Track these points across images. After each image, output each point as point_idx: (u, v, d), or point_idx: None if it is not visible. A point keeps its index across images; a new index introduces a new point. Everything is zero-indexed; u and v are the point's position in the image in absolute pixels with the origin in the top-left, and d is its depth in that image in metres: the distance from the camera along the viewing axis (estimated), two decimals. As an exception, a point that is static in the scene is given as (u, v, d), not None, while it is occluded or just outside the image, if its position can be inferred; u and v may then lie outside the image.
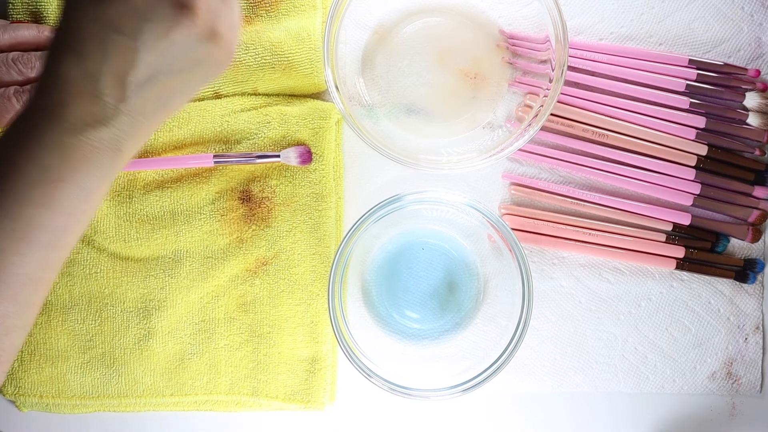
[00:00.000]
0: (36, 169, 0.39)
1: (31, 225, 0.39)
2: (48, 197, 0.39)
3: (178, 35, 0.40)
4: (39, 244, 0.39)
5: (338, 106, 0.55)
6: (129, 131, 0.40)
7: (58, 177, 0.39)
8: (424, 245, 0.60)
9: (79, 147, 0.39)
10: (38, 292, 0.41)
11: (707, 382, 0.61)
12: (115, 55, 0.39)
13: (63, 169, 0.39)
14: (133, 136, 0.41)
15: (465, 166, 0.56)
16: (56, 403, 0.59)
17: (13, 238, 0.38)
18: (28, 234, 0.39)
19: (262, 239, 0.59)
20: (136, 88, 0.40)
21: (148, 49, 0.39)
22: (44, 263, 0.40)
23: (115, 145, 0.40)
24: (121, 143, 0.40)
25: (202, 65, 0.42)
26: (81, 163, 0.39)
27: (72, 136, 0.39)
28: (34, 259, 0.39)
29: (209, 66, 0.42)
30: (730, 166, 0.60)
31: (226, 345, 0.59)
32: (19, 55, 0.55)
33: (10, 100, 0.55)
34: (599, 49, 0.61)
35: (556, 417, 0.61)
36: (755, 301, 0.61)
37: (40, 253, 0.39)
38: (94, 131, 0.39)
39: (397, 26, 0.60)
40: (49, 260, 0.40)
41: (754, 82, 0.60)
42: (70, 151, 0.39)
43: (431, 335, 0.60)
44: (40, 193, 0.39)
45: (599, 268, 0.61)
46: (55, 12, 0.59)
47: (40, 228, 0.39)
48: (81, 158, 0.39)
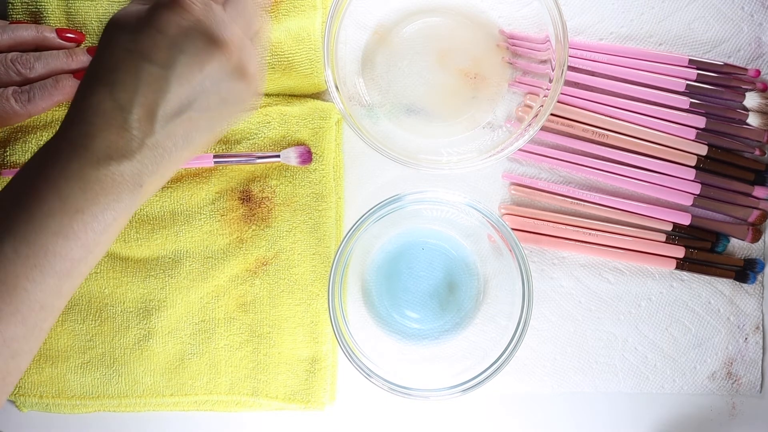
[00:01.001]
0: (56, 198, 0.39)
1: (46, 253, 0.39)
2: (65, 227, 0.39)
3: (210, 69, 0.40)
4: (53, 273, 0.39)
5: (338, 106, 0.55)
6: (151, 167, 0.41)
7: (77, 208, 0.39)
8: (424, 245, 0.60)
9: (101, 180, 0.39)
10: (48, 318, 0.41)
11: (707, 382, 0.61)
12: (147, 85, 0.39)
13: (82, 200, 0.39)
14: (155, 172, 0.41)
15: (465, 166, 0.56)
16: (56, 403, 0.59)
17: (28, 265, 0.39)
18: (42, 262, 0.39)
19: (262, 239, 0.59)
20: (164, 121, 0.40)
21: (180, 82, 0.40)
22: (56, 291, 0.40)
23: (137, 180, 0.40)
24: (143, 179, 0.40)
25: (229, 103, 0.42)
26: (101, 196, 0.39)
27: (95, 168, 0.39)
28: (47, 286, 0.39)
29: (236, 104, 0.42)
30: (730, 166, 0.60)
31: (226, 345, 0.59)
32: (17, 55, 0.55)
33: (8, 100, 0.55)
34: (599, 49, 0.61)
35: (556, 417, 0.61)
36: (755, 301, 0.61)
37: (53, 282, 0.40)
38: (117, 165, 0.39)
39: (397, 26, 0.60)
40: (61, 289, 0.40)
41: (754, 82, 0.60)
42: (91, 183, 0.39)
43: (431, 335, 0.60)
44: (58, 222, 0.39)
45: (599, 268, 0.61)
46: (54, 12, 0.59)
47: (56, 257, 0.39)
48: (101, 191, 0.39)
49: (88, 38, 0.59)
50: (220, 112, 0.42)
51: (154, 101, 0.40)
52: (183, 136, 0.41)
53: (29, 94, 0.55)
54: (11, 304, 0.39)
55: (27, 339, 0.40)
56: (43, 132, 0.58)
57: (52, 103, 0.56)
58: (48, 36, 0.57)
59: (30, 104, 0.55)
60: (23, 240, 0.39)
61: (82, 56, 0.57)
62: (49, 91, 0.55)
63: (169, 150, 0.41)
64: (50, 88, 0.55)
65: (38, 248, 0.39)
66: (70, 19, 0.59)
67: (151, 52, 0.39)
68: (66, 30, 0.58)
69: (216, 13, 0.41)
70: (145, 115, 0.40)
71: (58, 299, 0.41)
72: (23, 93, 0.55)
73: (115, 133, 0.39)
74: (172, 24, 0.40)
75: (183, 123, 0.41)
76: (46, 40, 0.57)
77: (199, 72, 0.40)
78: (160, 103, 0.40)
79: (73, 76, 0.56)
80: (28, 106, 0.55)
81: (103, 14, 0.59)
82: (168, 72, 0.40)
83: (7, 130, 0.58)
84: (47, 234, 0.39)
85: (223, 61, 0.41)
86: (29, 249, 0.39)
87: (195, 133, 0.42)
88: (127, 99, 0.39)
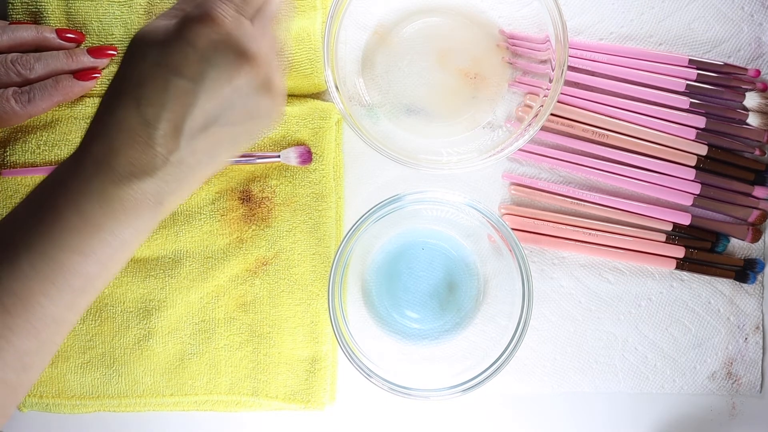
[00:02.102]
0: (76, 215, 0.39)
1: (63, 270, 0.39)
2: (84, 245, 0.39)
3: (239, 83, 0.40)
4: (69, 289, 0.39)
5: (338, 106, 0.55)
6: (174, 184, 0.40)
7: (96, 226, 0.39)
8: (424, 245, 0.60)
9: (121, 198, 0.39)
10: (60, 332, 0.41)
11: (707, 382, 0.61)
12: (175, 100, 0.39)
13: (102, 218, 0.39)
14: (176, 190, 0.41)
15: (465, 166, 0.56)
16: (56, 403, 0.59)
17: (45, 281, 0.38)
18: (59, 278, 0.39)
19: (262, 239, 0.59)
20: (190, 137, 0.39)
21: (208, 96, 0.39)
22: (71, 306, 0.40)
23: (157, 198, 0.40)
24: (164, 197, 0.40)
25: (254, 118, 0.42)
26: (121, 213, 0.39)
27: (117, 186, 0.39)
28: (62, 302, 0.39)
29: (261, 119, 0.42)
30: (730, 166, 0.60)
31: (226, 345, 0.59)
32: (17, 56, 0.55)
33: (8, 101, 0.55)
34: (599, 49, 0.61)
35: (556, 417, 0.61)
36: (755, 301, 0.61)
37: (69, 297, 0.39)
38: (139, 183, 0.39)
39: (397, 26, 0.60)
40: (76, 304, 0.40)
41: (754, 82, 0.60)
42: (111, 201, 0.39)
43: (431, 335, 0.60)
44: (76, 239, 0.39)
45: (599, 268, 0.61)
46: (54, 12, 0.59)
47: (72, 273, 0.39)
48: (121, 209, 0.39)
49: (88, 38, 0.59)
50: (244, 127, 0.42)
51: (181, 116, 0.39)
52: (207, 153, 0.41)
53: (29, 94, 0.55)
54: (26, 319, 0.38)
55: (39, 353, 0.40)
56: (43, 132, 0.58)
57: (52, 104, 0.56)
58: (48, 36, 0.57)
59: (30, 105, 0.55)
60: (41, 256, 0.38)
61: (82, 57, 0.57)
62: (49, 91, 0.55)
63: (193, 167, 0.40)
64: (50, 89, 0.55)
65: (55, 264, 0.39)
66: (70, 19, 0.59)
67: (181, 66, 0.39)
68: (66, 30, 0.58)
69: (246, 28, 0.40)
70: (171, 130, 0.39)
71: (72, 314, 0.40)
72: (23, 93, 0.55)
73: (139, 150, 0.39)
74: (202, 37, 0.39)
75: (208, 139, 0.40)
76: (46, 41, 0.57)
77: (228, 86, 0.40)
78: (187, 118, 0.39)
79: (74, 76, 0.56)
80: (28, 106, 0.55)
81: (103, 14, 0.59)
82: (197, 86, 0.39)
83: (7, 130, 0.58)
84: (65, 251, 0.39)
85: (252, 76, 0.40)
86: (46, 265, 0.38)
87: (218, 150, 0.41)
88: (154, 114, 0.39)
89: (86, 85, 0.57)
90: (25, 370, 0.40)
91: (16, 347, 0.39)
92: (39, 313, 0.39)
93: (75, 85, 0.56)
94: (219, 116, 0.40)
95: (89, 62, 0.57)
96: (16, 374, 0.39)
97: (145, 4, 0.59)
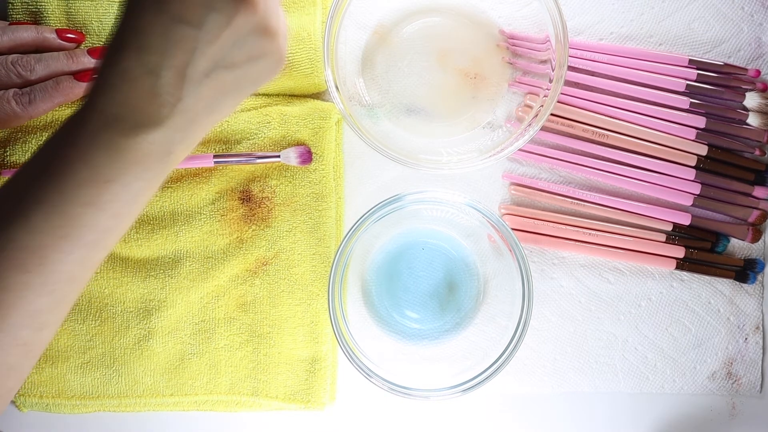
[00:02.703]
0: (87, 168, 0.38)
1: (76, 224, 0.39)
2: (96, 197, 0.39)
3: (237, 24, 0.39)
4: (82, 243, 0.39)
5: (338, 106, 0.55)
6: (181, 133, 0.40)
7: (107, 178, 0.39)
8: (424, 245, 0.60)
9: (131, 149, 0.39)
10: (74, 290, 0.41)
11: (707, 382, 0.61)
12: (177, 46, 0.38)
13: (113, 170, 0.39)
14: (185, 140, 0.40)
15: (465, 166, 0.56)
16: (56, 403, 0.59)
17: (58, 236, 0.38)
18: (72, 233, 0.39)
19: (262, 239, 0.59)
20: (195, 83, 0.39)
21: (210, 40, 0.39)
22: (84, 263, 0.40)
23: (167, 148, 0.40)
24: (173, 146, 0.40)
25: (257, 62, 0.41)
26: (131, 165, 0.39)
27: (125, 137, 0.38)
28: (75, 258, 0.39)
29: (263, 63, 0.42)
30: (730, 166, 0.60)
31: (226, 345, 0.59)
32: (18, 57, 0.55)
33: (9, 102, 0.55)
34: (599, 49, 0.61)
35: (556, 417, 0.61)
36: (755, 301, 0.61)
37: (82, 252, 0.39)
38: (148, 133, 0.39)
39: (397, 26, 0.60)
40: (89, 260, 0.40)
41: (754, 82, 0.60)
42: (121, 152, 0.39)
43: (431, 335, 0.60)
44: (88, 192, 0.38)
45: (599, 268, 0.61)
46: (54, 12, 0.59)
47: (85, 227, 0.39)
48: (132, 160, 0.39)
49: (88, 38, 0.59)
50: (246, 72, 0.41)
51: (184, 62, 0.39)
52: (211, 99, 0.40)
53: (30, 96, 0.55)
54: (41, 275, 0.38)
55: (53, 311, 0.40)
56: (43, 132, 0.58)
57: (52, 105, 0.56)
58: (48, 37, 0.57)
59: (31, 106, 0.55)
60: (53, 209, 0.38)
61: (82, 57, 0.57)
62: (50, 93, 0.55)
63: (199, 114, 0.40)
64: (51, 90, 0.55)
65: (68, 219, 0.38)
66: (70, 19, 0.59)
67: (181, 12, 0.38)
68: (66, 30, 0.58)
69: None
70: (175, 78, 0.39)
71: (85, 271, 0.40)
72: (24, 95, 0.55)
73: (145, 99, 0.38)
74: None
75: (212, 85, 0.40)
76: (46, 41, 0.57)
77: (227, 28, 0.39)
78: (190, 64, 0.39)
79: (74, 77, 0.56)
80: (29, 108, 0.55)
81: (103, 14, 0.59)
82: (198, 31, 0.38)
83: (7, 130, 0.58)
84: (78, 204, 0.38)
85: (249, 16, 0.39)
86: (60, 219, 0.38)
87: (223, 97, 0.41)
88: (157, 62, 0.38)
89: (87, 87, 0.57)
90: (41, 329, 0.40)
91: (31, 305, 0.39)
92: (53, 269, 0.39)
93: (76, 86, 0.56)
94: (221, 60, 0.40)
95: (89, 63, 0.57)
96: (32, 333, 0.39)
97: (145, 4, 0.59)
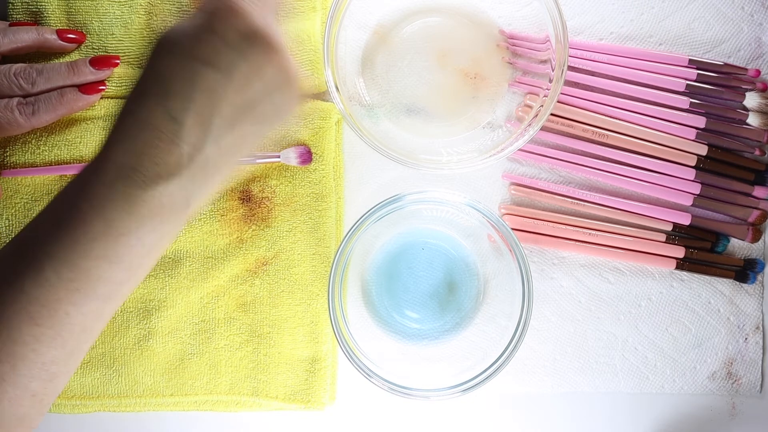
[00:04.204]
0: (101, 221, 0.37)
1: (89, 277, 0.38)
2: (110, 251, 0.38)
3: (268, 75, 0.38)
4: (95, 296, 0.38)
5: (338, 106, 0.55)
6: (200, 185, 0.39)
7: (122, 231, 0.37)
8: (424, 245, 0.60)
9: (147, 202, 0.37)
10: (87, 341, 0.40)
11: (707, 382, 0.61)
12: (203, 92, 0.37)
13: (128, 223, 0.37)
14: (202, 190, 0.39)
15: (465, 166, 0.56)
16: (56, 403, 0.59)
17: (71, 289, 0.37)
18: (85, 285, 0.38)
19: (262, 239, 0.59)
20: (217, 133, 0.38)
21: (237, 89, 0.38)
22: (98, 314, 0.39)
23: (184, 200, 0.38)
24: (191, 198, 0.39)
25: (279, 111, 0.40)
26: (147, 218, 0.38)
27: (141, 189, 0.37)
28: (88, 310, 0.38)
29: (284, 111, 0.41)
30: (730, 166, 0.60)
31: (226, 345, 0.59)
32: (21, 69, 0.55)
33: (12, 112, 0.54)
34: (599, 49, 0.61)
35: (556, 417, 0.61)
36: (755, 301, 0.61)
37: (95, 305, 0.38)
38: (166, 184, 0.37)
39: (397, 26, 0.60)
40: (102, 312, 0.39)
41: (754, 82, 0.60)
42: (137, 205, 0.37)
43: (431, 335, 0.60)
44: (101, 246, 0.37)
45: (599, 268, 0.61)
46: (55, 12, 0.59)
47: (98, 281, 0.38)
48: (147, 214, 0.38)
49: (88, 38, 0.59)
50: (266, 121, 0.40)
51: (209, 110, 0.37)
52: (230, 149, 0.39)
53: (34, 107, 0.55)
54: (52, 328, 0.38)
55: (66, 362, 0.39)
56: (43, 132, 0.58)
57: (56, 117, 0.56)
58: (49, 38, 0.57)
59: (34, 117, 0.55)
60: (66, 264, 0.37)
61: (84, 68, 0.56)
62: (54, 104, 0.55)
63: (217, 166, 0.39)
64: (55, 102, 0.55)
65: (81, 272, 0.37)
66: (70, 18, 0.59)
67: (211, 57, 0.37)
68: (67, 31, 0.58)
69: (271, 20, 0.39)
70: (198, 125, 0.37)
71: (98, 322, 0.39)
72: (27, 105, 0.55)
73: (164, 149, 0.37)
74: (232, 29, 0.38)
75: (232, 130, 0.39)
76: (47, 42, 0.57)
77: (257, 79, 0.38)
78: (216, 112, 0.38)
79: (79, 89, 0.56)
80: (32, 119, 0.55)
81: (104, 14, 0.59)
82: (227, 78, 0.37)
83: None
84: (91, 258, 0.37)
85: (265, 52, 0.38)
86: (72, 273, 0.37)
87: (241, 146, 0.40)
88: (181, 107, 0.37)
89: (91, 99, 0.57)
90: (52, 379, 0.39)
91: (43, 357, 0.38)
92: (65, 321, 0.38)
93: (80, 99, 0.56)
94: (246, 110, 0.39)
95: (91, 75, 0.56)
96: (42, 384, 0.38)
97: (146, 4, 0.59)
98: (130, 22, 0.59)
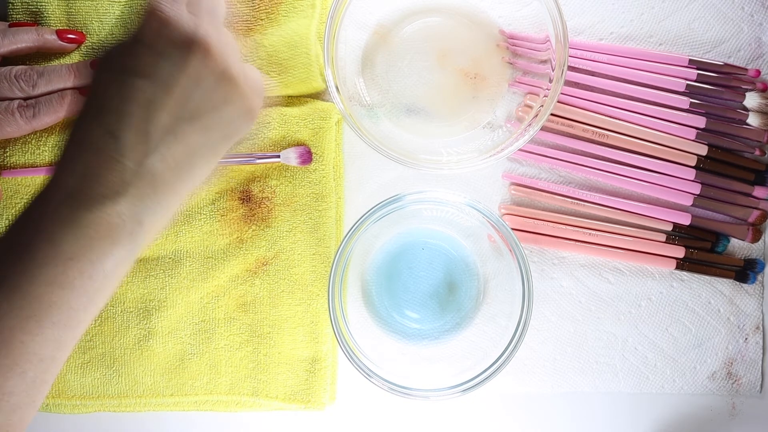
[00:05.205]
0: (48, 246, 0.36)
1: (41, 304, 0.36)
2: (59, 276, 0.36)
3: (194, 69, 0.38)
4: (50, 324, 0.37)
5: (338, 106, 0.55)
6: (149, 201, 0.37)
7: (70, 255, 0.36)
8: (424, 245, 0.60)
9: (94, 223, 0.36)
10: (49, 370, 0.38)
11: (707, 382, 0.61)
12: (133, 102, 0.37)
13: (76, 247, 0.36)
14: (154, 208, 0.38)
15: (465, 166, 0.56)
16: (56, 403, 0.59)
17: (22, 317, 0.36)
18: (38, 313, 0.36)
19: (262, 239, 0.59)
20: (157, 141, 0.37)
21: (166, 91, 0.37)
22: (56, 342, 0.37)
23: (134, 219, 0.37)
24: (142, 218, 0.37)
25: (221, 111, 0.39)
26: (96, 240, 0.36)
27: (86, 210, 0.36)
28: (45, 338, 0.37)
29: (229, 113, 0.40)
30: (730, 166, 0.60)
31: (226, 345, 0.59)
32: (21, 71, 0.55)
33: (13, 114, 0.54)
34: (599, 49, 0.61)
35: (556, 417, 0.61)
36: (755, 301, 0.61)
37: (52, 332, 0.37)
38: (112, 204, 0.37)
39: (397, 26, 0.60)
40: (61, 339, 0.37)
41: (754, 82, 0.60)
42: (83, 228, 0.36)
43: (431, 335, 0.60)
44: (51, 272, 0.36)
45: (599, 268, 0.61)
46: (55, 12, 0.59)
47: (52, 307, 0.36)
48: (95, 236, 0.36)
49: (88, 38, 0.59)
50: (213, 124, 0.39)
51: (143, 119, 0.37)
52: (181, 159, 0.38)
53: (35, 109, 0.55)
54: (8, 357, 0.36)
55: (28, 392, 0.37)
56: (43, 132, 0.58)
57: (56, 119, 0.56)
58: (49, 38, 0.57)
59: (34, 119, 0.55)
60: (16, 291, 0.36)
61: (84, 71, 0.56)
62: (55, 107, 0.55)
63: (167, 178, 0.38)
64: (56, 104, 0.55)
65: (33, 299, 0.36)
66: (70, 19, 0.59)
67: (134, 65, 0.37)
68: (67, 31, 0.58)
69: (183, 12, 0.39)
70: (135, 137, 0.37)
71: (58, 350, 0.38)
72: (28, 108, 0.55)
73: (106, 166, 0.36)
74: (149, 32, 0.38)
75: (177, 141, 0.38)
76: (47, 43, 0.57)
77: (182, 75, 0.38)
78: (149, 119, 0.37)
79: (79, 92, 0.56)
80: (33, 121, 0.55)
81: (104, 14, 0.59)
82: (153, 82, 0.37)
83: (8, 130, 0.58)
84: (41, 284, 0.36)
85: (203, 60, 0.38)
86: (23, 300, 0.36)
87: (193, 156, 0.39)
88: (117, 123, 0.37)
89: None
90: (14, 410, 0.37)
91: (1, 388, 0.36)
92: (22, 351, 0.36)
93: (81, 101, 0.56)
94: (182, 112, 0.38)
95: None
96: (5, 416, 0.37)
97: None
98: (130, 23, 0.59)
